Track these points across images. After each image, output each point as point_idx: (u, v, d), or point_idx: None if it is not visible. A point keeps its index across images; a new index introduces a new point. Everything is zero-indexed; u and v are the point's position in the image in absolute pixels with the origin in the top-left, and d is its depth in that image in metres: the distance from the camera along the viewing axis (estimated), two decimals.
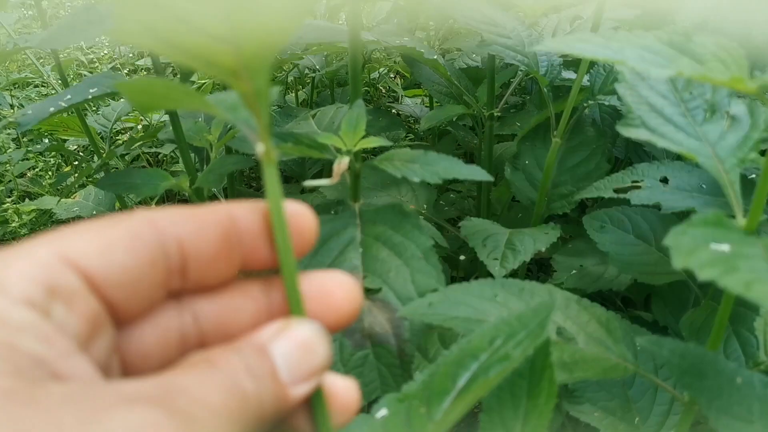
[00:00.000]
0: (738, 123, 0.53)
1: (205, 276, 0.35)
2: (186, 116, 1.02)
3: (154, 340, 0.35)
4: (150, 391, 0.26)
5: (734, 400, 0.44)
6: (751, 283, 0.37)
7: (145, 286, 0.32)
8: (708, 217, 0.45)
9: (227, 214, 0.35)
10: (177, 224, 0.33)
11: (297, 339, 0.33)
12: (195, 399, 0.27)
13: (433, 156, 0.74)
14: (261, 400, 0.30)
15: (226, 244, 0.34)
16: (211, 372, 0.29)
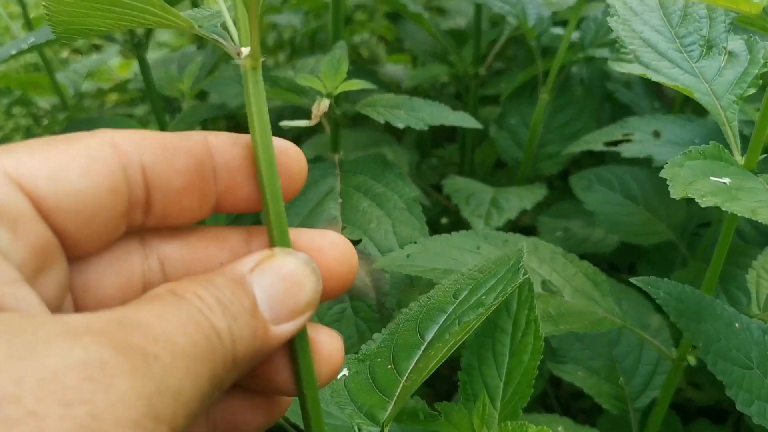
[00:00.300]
0: (735, 59, 0.50)
1: (172, 212, 0.31)
2: (157, 65, 0.98)
3: (113, 283, 0.30)
4: (100, 324, 0.22)
5: (732, 344, 0.42)
6: (756, 209, 0.34)
7: (104, 216, 0.28)
8: (707, 150, 0.42)
9: (202, 144, 0.30)
10: (143, 149, 0.29)
11: (282, 271, 0.29)
12: (154, 335, 0.23)
13: (419, 102, 0.71)
14: (235, 339, 0.26)
15: (198, 177, 0.30)
16: (176, 305, 0.25)
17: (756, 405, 0.44)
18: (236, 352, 0.26)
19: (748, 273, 0.59)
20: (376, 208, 0.69)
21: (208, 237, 0.32)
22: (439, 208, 1.22)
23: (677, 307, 0.43)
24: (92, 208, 0.27)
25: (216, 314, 0.26)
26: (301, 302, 0.29)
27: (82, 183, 0.27)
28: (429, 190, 1.17)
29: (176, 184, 0.30)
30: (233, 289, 0.28)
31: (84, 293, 0.30)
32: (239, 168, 0.31)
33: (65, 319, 0.22)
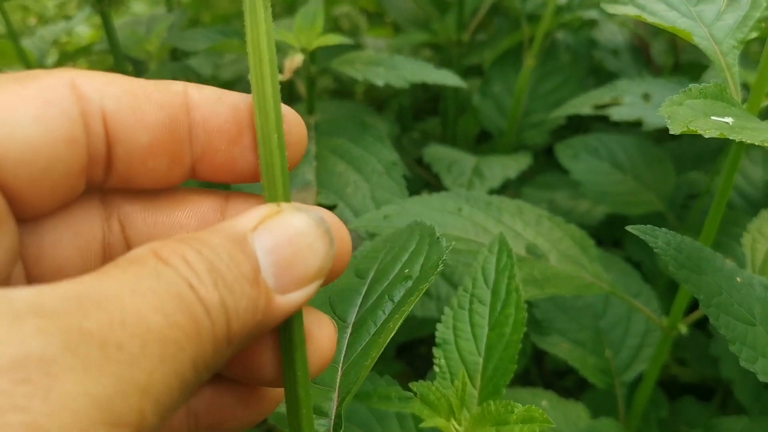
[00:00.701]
0: (737, 2, 0.47)
1: (136, 173, 0.26)
2: (123, 28, 0.93)
3: (69, 246, 0.26)
4: (52, 302, 0.18)
5: (734, 299, 0.39)
6: (766, 140, 0.30)
7: (59, 171, 0.24)
8: (707, 89, 0.39)
9: (179, 96, 0.26)
10: (106, 94, 0.24)
11: (291, 230, 0.24)
12: (121, 317, 0.18)
13: (400, 59, 0.67)
14: (230, 314, 0.21)
15: (169, 134, 0.26)
16: (155, 274, 0.20)
17: (761, 362, 0.41)
18: (231, 329, 0.22)
19: (743, 236, 0.56)
20: (353, 172, 0.65)
21: (176, 200, 0.28)
22: (420, 182, 1.19)
23: (677, 258, 0.40)
24: (46, 161, 0.23)
25: (206, 284, 0.21)
26: (311, 268, 0.24)
27: (35, 129, 0.22)
28: (410, 164, 1.14)
29: (142, 140, 0.25)
30: (231, 251, 0.23)
31: (37, 259, 0.26)
32: (220, 130, 0.26)
33: (10, 296, 0.18)
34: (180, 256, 0.21)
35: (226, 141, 0.27)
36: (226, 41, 0.60)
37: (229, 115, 0.26)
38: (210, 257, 0.22)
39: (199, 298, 0.21)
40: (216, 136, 0.26)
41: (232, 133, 0.26)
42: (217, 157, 0.27)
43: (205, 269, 0.21)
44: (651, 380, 0.64)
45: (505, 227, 0.59)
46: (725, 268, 0.41)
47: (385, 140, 0.68)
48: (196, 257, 0.22)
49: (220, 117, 0.26)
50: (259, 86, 0.25)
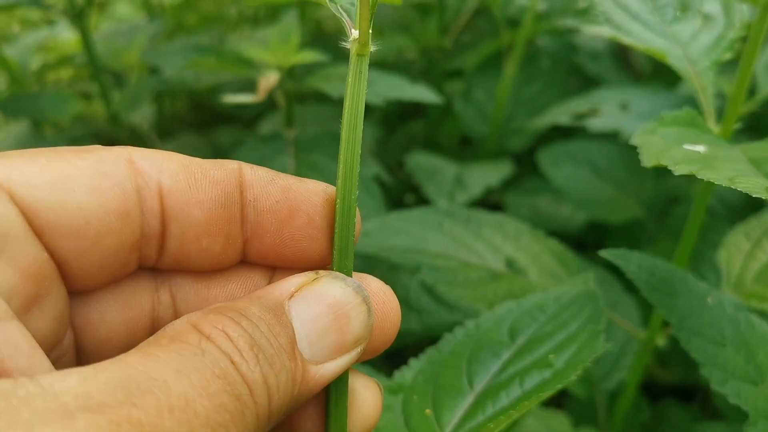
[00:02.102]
0: (711, 22, 0.47)
1: (190, 253, 0.26)
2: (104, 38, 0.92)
3: (118, 317, 0.26)
4: (99, 394, 0.18)
5: (705, 321, 0.39)
6: (735, 178, 0.31)
7: (110, 244, 0.23)
8: (680, 116, 0.39)
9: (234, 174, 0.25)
10: (163, 170, 0.24)
11: (327, 298, 0.24)
12: (168, 404, 0.18)
13: (375, 75, 0.67)
14: (271, 391, 0.21)
15: (224, 213, 0.25)
16: (198, 353, 0.20)
17: (731, 384, 0.42)
18: (271, 406, 0.21)
19: (719, 251, 0.56)
20: None
21: (227, 271, 0.28)
22: (404, 185, 1.19)
23: (649, 281, 0.40)
24: (96, 231, 0.23)
25: (248, 361, 0.21)
26: (348, 338, 0.24)
27: (87, 199, 0.22)
28: (394, 167, 1.14)
29: (198, 217, 0.25)
30: (269, 323, 0.22)
31: (85, 327, 0.25)
32: (270, 210, 0.26)
33: (55, 388, 0.17)
34: (221, 329, 0.21)
35: (276, 222, 0.26)
36: (201, 59, 0.59)
37: (280, 196, 0.26)
38: (250, 330, 0.22)
39: (243, 376, 0.21)
40: (266, 217, 0.26)
41: (283, 215, 0.26)
42: (266, 239, 0.26)
43: (246, 344, 0.21)
44: (631, 389, 0.65)
45: (485, 242, 0.60)
46: (697, 290, 0.42)
47: (364, 155, 0.68)
48: (236, 331, 0.21)
49: (271, 197, 0.26)
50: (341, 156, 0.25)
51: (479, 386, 0.38)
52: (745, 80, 0.45)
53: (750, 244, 0.58)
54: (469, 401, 0.37)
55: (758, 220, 0.60)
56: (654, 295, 0.40)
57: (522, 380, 0.37)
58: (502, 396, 0.37)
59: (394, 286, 0.75)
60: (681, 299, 0.40)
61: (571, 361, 0.37)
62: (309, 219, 0.26)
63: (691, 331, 0.38)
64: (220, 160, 0.26)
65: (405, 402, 0.38)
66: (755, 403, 0.44)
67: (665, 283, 0.41)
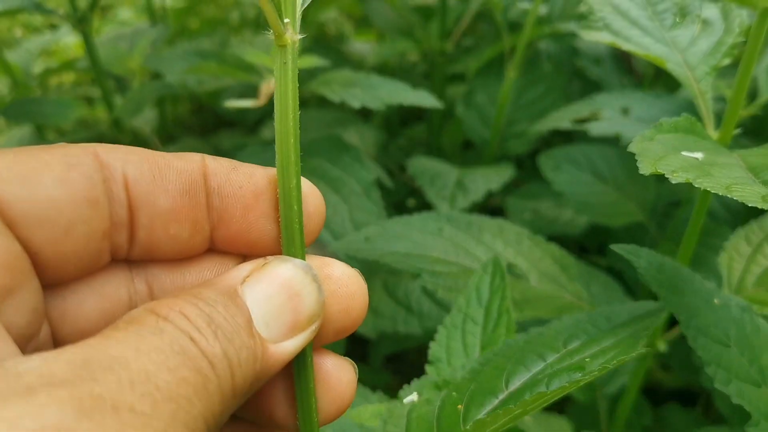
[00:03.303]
0: (710, 27, 0.47)
1: (160, 240, 0.26)
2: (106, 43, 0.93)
3: (95, 309, 0.26)
4: (61, 371, 0.18)
5: (711, 321, 0.40)
6: (731, 186, 0.31)
7: (81, 232, 0.24)
8: (679, 122, 0.39)
9: (197, 164, 0.26)
10: (127, 162, 0.25)
11: (278, 279, 0.25)
12: (129, 379, 0.19)
13: (377, 80, 0.67)
14: (232, 365, 0.22)
15: (189, 200, 0.26)
16: (157, 331, 0.21)
17: (734, 384, 0.42)
18: (234, 381, 0.22)
19: (720, 255, 0.56)
20: (332, 194, 0.65)
21: (201, 259, 0.28)
22: (406, 189, 1.19)
23: (658, 278, 0.41)
24: (68, 220, 0.23)
25: (207, 337, 0.21)
26: (302, 315, 0.25)
27: (58, 190, 0.23)
28: (396, 171, 1.14)
29: (164, 205, 0.26)
30: (225, 304, 0.23)
31: (62, 320, 0.26)
32: (234, 196, 0.27)
33: (18, 369, 0.18)
34: (178, 311, 0.22)
35: (242, 207, 0.27)
36: (203, 64, 0.60)
37: (244, 182, 0.27)
38: (207, 310, 0.22)
39: (202, 351, 0.21)
40: (231, 203, 0.27)
41: (247, 199, 0.27)
42: (232, 225, 0.27)
43: (204, 322, 0.22)
44: (633, 393, 0.65)
45: (485, 247, 0.60)
46: (704, 290, 0.42)
47: (363, 160, 0.68)
48: (193, 311, 0.22)
49: (235, 184, 0.27)
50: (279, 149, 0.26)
51: (513, 386, 0.39)
52: (744, 85, 0.45)
53: (751, 249, 0.58)
54: (500, 399, 0.38)
55: (759, 224, 0.60)
56: (662, 291, 0.40)
57: (550, 381, 0.37)
58: (526, 395, 0.37)
59: (396, 289, 0.76)
60: (688, 298, 0.40)
61: (604, 365, 0.37)
62: (273, 202, 0.27)
63: (697, 329, 0.39)
64: (183, 153, 0.27)
65: (446, 397, 0.39)
66: (758, 404, 0.44)
67: (673, 281, 0.41)
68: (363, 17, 1.72)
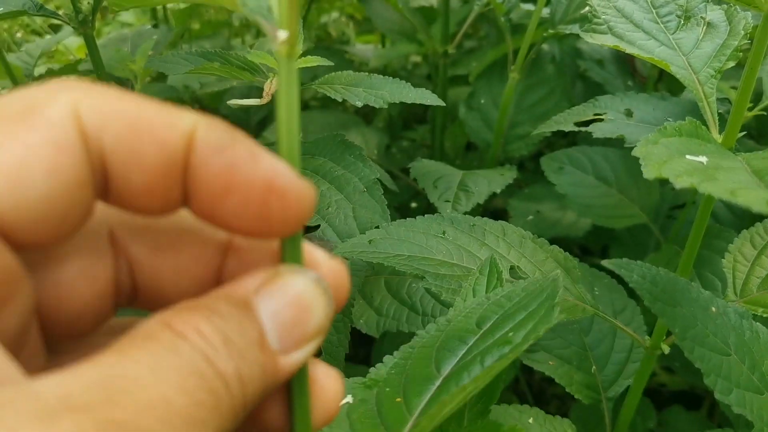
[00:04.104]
0: (715, 30, 0.47)
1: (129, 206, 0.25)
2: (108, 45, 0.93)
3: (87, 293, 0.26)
4: (79, 394, 0.18)
5: (709, 330, 0.39)
6: (736, 191, 0.31)
7: (73, 216, 0.23)
8: (683, 126, 0.39)
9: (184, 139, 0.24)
10: (107, 133, 0.23)
11: (291, 292, 0.25)
12: (147, 402, 0.19)
13: (379, 79, 0.67)
14: (244, 382, 0.22)
15: (163, 179, 0.24)
16: (174, 350, 0.20)
17: (735, 393, 0.41)
18: (245, 398, 0.22)
19: (724, 257, 0.56)
20: (335, 192, 0.65)
21: (181, 242, 0.27)
22: (409, 191, 1.19)
23: (652, 291, 0.40)
24: (62, 213, 0.22)
25: (221, 356, 0.21)
26: (310, 328, 0.25)
27: (49, 185, 0.22)
28: (399, 174, 1.14)
29: (135, 181, 0.24)
30: (239, 318, 0.23)
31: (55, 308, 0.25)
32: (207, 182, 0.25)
33: (37, 390, 0.18)
34: (194, 327, 0.22)
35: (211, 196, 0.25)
36: (206, 65, 0.60)
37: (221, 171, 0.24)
38: (222, 326, 0.22)
39: (218, 371, 0.21)
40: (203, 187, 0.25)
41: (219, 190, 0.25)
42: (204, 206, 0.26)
43: (219, 340, 0.22)
44: (636, 395, 0.64)
45: (489, 250, 0.60)
46: (701, 298, 0.42)
47: (366, 159, 0.68)
48: (210, 327, 0.22)
49: (213, 169, 0.24)
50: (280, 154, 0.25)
51: (446, 371, 0.39)
52: (748, 88, 0.45)
53: (755, 252, 0.58)
54: (436, 385, 0.39)
55: (764, 227, 0.60)
56: (657, 305, 0.40)
57: (483, 358, 0.38)
58: (464, 376, 0.38)
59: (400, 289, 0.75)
60: (684, 308, 0.40)
61: (528, 335, 0.38)
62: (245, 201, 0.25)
63: (694, 340, 0.38)
64: (177, 113, 0.24)
65: (379, 394, 0.40)
66: (760, 412, 0.44)
67: (668, 293, 0.41)
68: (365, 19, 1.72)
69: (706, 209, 0.52)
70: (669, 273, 0.42)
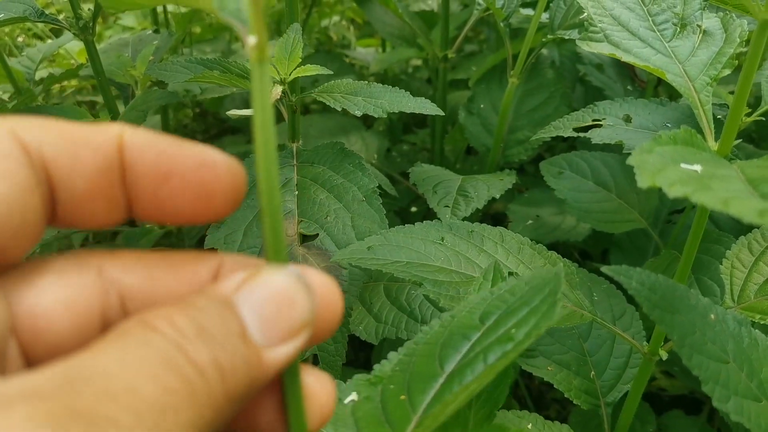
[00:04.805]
0: (711, 38, 0.47)
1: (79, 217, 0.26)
2: (109, 50, 0.93)
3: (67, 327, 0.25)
4: (43, 384, 0.18)
5: (708, 337, 0.39)
6: (729, 200, 0.31)
7: (31, 219, 0.24)
8: (677, 135, 0.39)
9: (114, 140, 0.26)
10: (45, 142, 0.24)
11: (271, 287, 0.25)
12: (112, 391, 0.18)
13: (378, 88, 0.67)
14: (224, 371, 0.22)
15: (104, 180, 0.26)
16: (144, 342, 0.21)
17: (733, 401, 0.41)
18: (227, 386, 0.22)
19: (722, 263, 0.56)
20: (333, 201, 0.65)
21: (174, 268, 0.28)
22: (409, 196, 1.19)
23: (650, 298, 0.40)
24: (21, 214, 0.23)
25: (195, 344, 0.22)
26: (294, 321, 0.25)
27: (4, 187, 0.23)
28: (399, 178, 1.14)
29: (80, 186, 0.25)
30: (218, 311, 0.23)
31: (35, 340, 0.25)
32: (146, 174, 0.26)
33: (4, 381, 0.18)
34: (167, 320, 0.22)
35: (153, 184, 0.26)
36: (206, 73, 0.60)
37: (155, 159, 0.26)
38: (197, 317, 0.23)
39: (189, 359, 0.21)
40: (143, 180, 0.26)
41: (158, 178, 0.26)
42: (147, 200, 0.27)
43: (193, 329, 0.22)
44: (635, 400, 0.64)
45: (487, 256, 0.60)
46: (699, 305, 0.42)
47: (365, 167, 0.68)
48: (183, 319, 0.22)
49: (147, 161, 0.26)
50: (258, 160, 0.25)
51: (449, 368, 0.39)
52: (744, 96, 0.45)
53: (753, 258, 0.58)
54: (440, 383, 0.39)
55: (762, 233, 0.60)
56: (655, 312, 0.40)
57: (486, 356, 0.38)
58: (467, 373, 0.38)
59: (399, 296, 0.75)
60: (683, 315, 0.40)
61: (530, 332, 0.38)
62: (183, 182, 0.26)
63: (693, 347, 0.39)
64: (102, 125, 0.26)
65: (383, 392, 0.40)
66: (758, 420, 0.44)
67: (666, 300, 0.41)
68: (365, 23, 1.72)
69: (702, 215, 0.52)
70: (668, 280, 0.43)
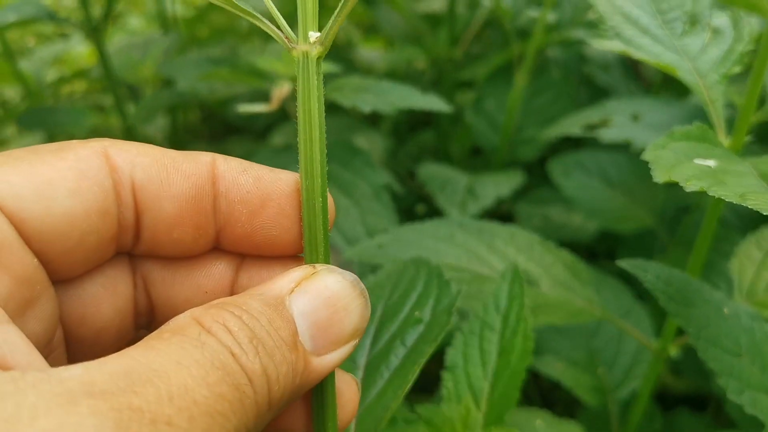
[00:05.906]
0: (720, 35, 0.48)
1: (162, 243, 0.27)
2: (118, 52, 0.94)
3: (109, 309, 0.27)
4: (102, 382, 0.18)
5: (722, 331, 0.40)
6: (745, 195, 0.31)
7: (93, 240, 0.24)
8: (691, 131, 0.39)
9: (206, 167, 0.26)
10: (136, 165, 0.25)
11: (326, 292, 0.25)
12: (168, 393, 0.19)
13: (387, 85, 0.68)
14: (270, 381, 0.22)
15: (195, 205, 0.26)
16: (199, 345, 0.21)
17: (747, 394, 0.42)
18: (272, 395, 0.22)
19: (731, 260, 0.56)
20: (343, 197, 0.66)
21: (195, 259, 0.28)
22: (415, 195, 1.19)
23: (666, 291, 0.41)
24: (81, 232, 0.24)
25: (248, 353, 0.22)
26: (346, 329, 0.25)
27: (71, 203, 0.23)
28: (405, 178, 1.14)
29: (169, 210, 0.26)
30: (270, 317, 0.23)
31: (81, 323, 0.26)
32: (242, 201, 0.27)
33: (62, 376, 0.18)
34: (221, 324, 0.22)
35: (247, 212, 0.27)
36: (215, 71, 0.60)
37: (252, 186, 0.26)
38: (250, 324, 0.22)
39: (242, 367, 0.21)
40: (238, 207, 0.27)
41: (254, 205, 0.27)
42: (237, 229, 0.27)
43: (246, 337, 0.22)
44: (644, 397, 0.65)
45: (497, 253, 0.60)
46: (713, 299, 0.42)
47: (374, 164, 0.69)
48: (237, 324, 0.22)
49: (243, 188, 0.26)
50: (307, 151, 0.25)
51: (362, 361, 0.39)
52: (755, 93, 0.45)
53: (762, 254, 0.58)
54: (360, 377, 0.38)
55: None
56: (671, 305, 0.40)
57: (403, 338, 0.38)
58: (392, 358, 0.38)
59: None
60: (698, 309, 0.41)
61: (435, 310, 0.39)
62: (280, 208, 0.27)
63: (708, 340, 0.39)
64: (194, 153, 0.26)
65: None
66: None
67: (682, 293, 0.41)
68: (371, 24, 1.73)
69: (713, 213, 0.52)
70: (683, 274, 0.43)
